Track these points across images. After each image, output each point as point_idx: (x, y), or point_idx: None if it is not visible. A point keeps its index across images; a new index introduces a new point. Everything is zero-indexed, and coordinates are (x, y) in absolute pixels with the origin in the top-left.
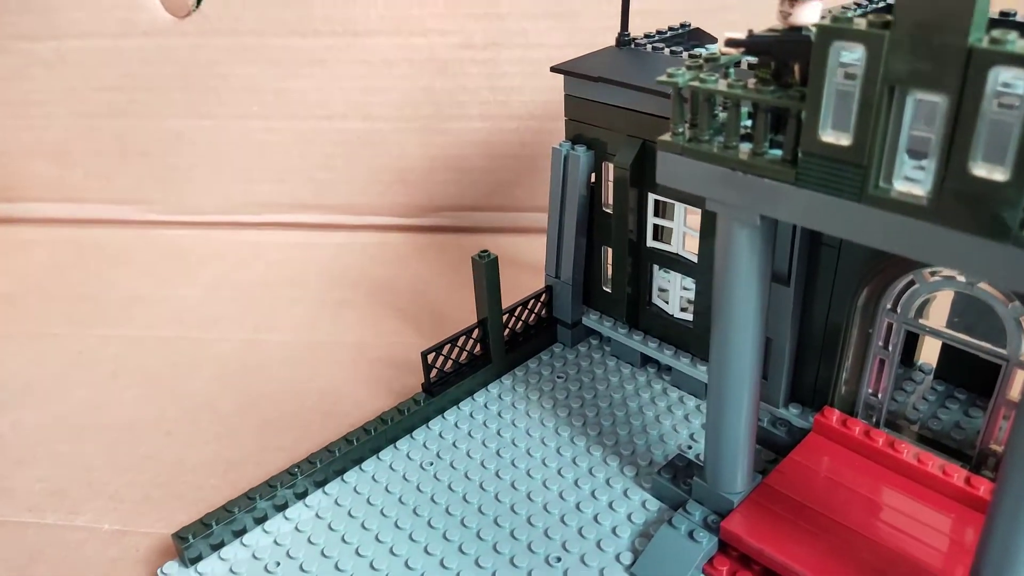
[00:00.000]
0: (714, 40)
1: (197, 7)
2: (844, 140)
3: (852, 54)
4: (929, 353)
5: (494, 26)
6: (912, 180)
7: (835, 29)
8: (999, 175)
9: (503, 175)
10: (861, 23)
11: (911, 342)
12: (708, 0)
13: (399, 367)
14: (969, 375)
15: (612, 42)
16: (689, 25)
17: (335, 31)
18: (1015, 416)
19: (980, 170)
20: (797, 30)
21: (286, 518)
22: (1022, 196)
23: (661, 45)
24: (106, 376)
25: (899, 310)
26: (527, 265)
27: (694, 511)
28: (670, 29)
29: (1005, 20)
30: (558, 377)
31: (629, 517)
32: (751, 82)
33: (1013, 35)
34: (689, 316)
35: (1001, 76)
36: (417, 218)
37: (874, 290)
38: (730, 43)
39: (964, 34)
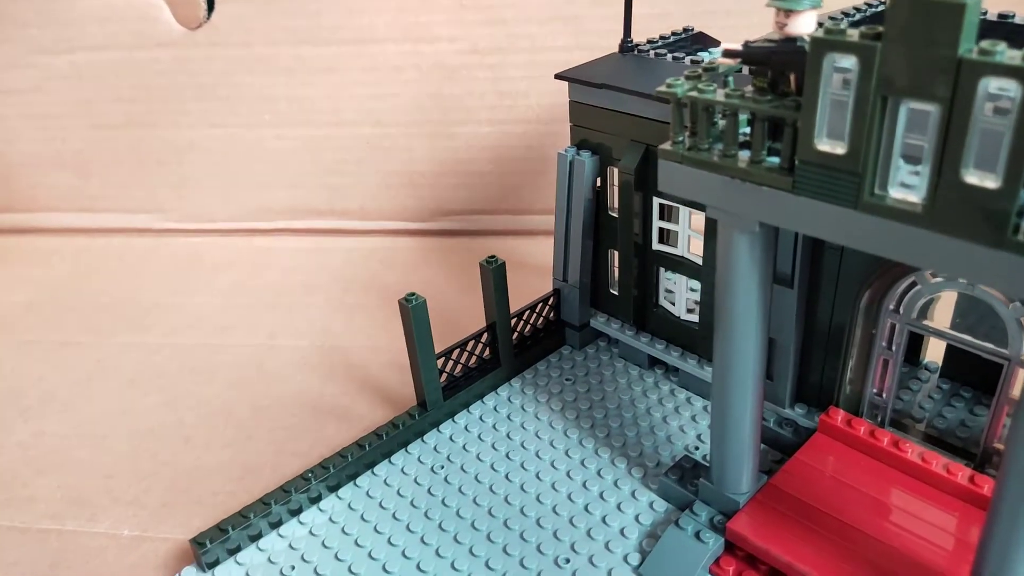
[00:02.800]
0: (717, 43)
1: (208, 18)
2: (839, 149)
3: (846, 63)
4: (935, 352)
5: (499, 31)
6: (907, 187)
7: (828, 41)
8: (991, 182)
9: (511, 179)
10: (854, 34)
11: (916, 341)
12: (713, 3)
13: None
14: (974, 373)
15: (617, 46)
16: (692, 29)
17: (344, 39)
18: (1015, 415)
19: (972, 177)
20: (792, 40)
21: (300, 523)
22: (1014, 202)
23: (664, 51)
24: (125, 383)
25: (902, 311)
26: (536, 268)
27: (700, 512)
28: (673, 34)
29: (1004, 23)
30: (566, 380)
31: (637, 518)
32: (748, 91)
33: (1002, 46)
34: (695, 318)
35: (992, 85)
36: (427, 222)
37: (877, 291)
38: (727, 54)
39: (954, 45)
